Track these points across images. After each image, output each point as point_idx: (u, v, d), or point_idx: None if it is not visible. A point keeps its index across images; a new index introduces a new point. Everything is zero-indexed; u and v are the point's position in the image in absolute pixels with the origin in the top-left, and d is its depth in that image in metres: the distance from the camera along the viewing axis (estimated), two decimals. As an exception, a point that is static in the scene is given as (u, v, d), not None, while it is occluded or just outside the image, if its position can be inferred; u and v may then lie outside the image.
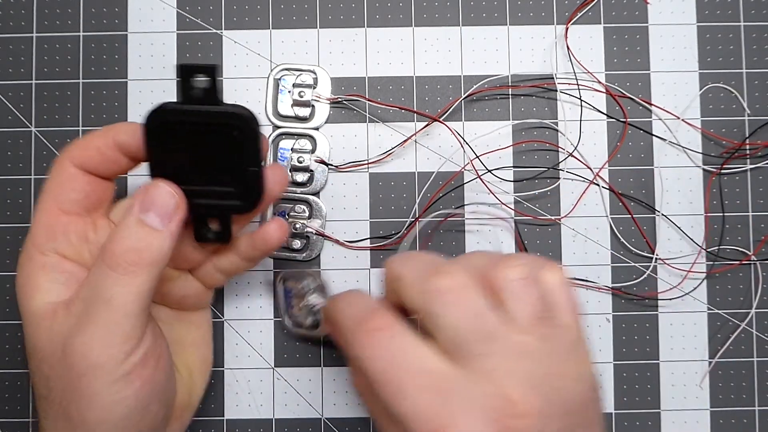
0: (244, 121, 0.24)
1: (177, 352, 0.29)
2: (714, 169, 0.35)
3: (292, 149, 0.35)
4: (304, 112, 0.35)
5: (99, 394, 0.22)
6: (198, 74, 0.24)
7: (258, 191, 0.26)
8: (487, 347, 0.21)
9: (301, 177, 0.35)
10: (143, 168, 0.35)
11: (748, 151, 0.35)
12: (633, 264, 0.35)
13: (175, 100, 0.25)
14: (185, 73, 0.24)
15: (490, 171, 0.34)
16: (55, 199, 0.25)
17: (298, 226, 0.34)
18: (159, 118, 0.24)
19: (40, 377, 0.24)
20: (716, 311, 0.35)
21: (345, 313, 0.24)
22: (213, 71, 0.24)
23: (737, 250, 0.35)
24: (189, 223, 0.26)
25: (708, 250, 0.35)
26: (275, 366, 0.34)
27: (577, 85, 0.35)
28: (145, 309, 0.23)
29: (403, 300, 0.24)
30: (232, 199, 0.25)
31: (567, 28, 0.35)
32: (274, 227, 0.28)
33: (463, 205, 0.35)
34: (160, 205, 0.24)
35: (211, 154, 0.25)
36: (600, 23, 0.36)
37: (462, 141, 0.35)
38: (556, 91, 0.35)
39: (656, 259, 0.35)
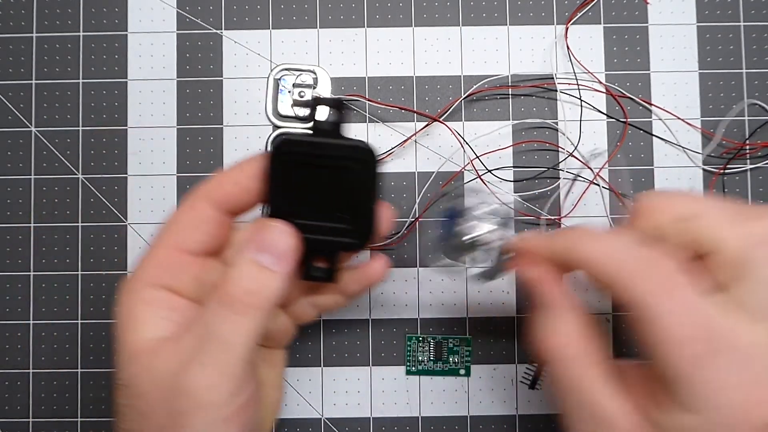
0: (368, 156, 0.24)
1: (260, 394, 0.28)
2: (715, 170, 0.35)
3: (292, 149, 0.35)
4: (304, 112, 0.35)
5: None
6: (327, 107, 0.24)
7: (371, 229, 0.25)
8: None
9: (301, 177, 0.35)
10: (142, 169, 0.35)
11: (748, 151, 0.35)
12: (633, 264, 0.35)
13: (284, 129, 0.24)
14: (316, 104, 0.24)
15: (490, 171, 0.34)
16: (179, 239, 0.24)
17: None
18: (287, 148, 0.24)
19: (133, 412, 0.23)
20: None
21: (615, 254, 0.22)
22: (342, 106, 0.24)
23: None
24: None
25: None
26: (275, 366, 0.34)
27: (577, 85, 0.35)
28: (253, 351, 0.23)
29: (700, 240, 0.21)
30: (344, 236, 0.24)
31: (567, 28, 0.35)
32: (379, 264, 0.27)
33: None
34: (275, 245, 0.23)
35: (328, 188, 0.24)
36: (600, 23, 0.36)
37: (462, 141, 0.35)
38: (556, 91, 0.35)
39: (656, 259, 0.34)
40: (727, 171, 0.35)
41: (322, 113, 0.24)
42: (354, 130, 0.35)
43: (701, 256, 0.22)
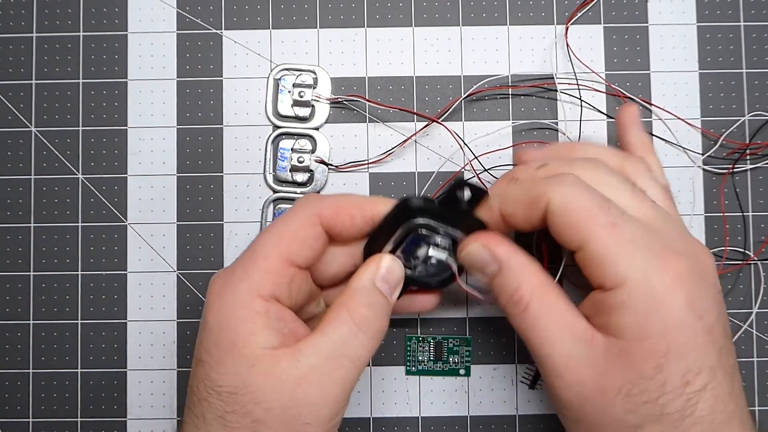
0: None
1: None
2: (716, 170, 0.35)
3: (292, 149, 0.35)
4: (304, 112, 0.35)
5: None
6: (466, 189, 0.26)
7: (451, 280, 0.28)
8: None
9: (301, 177, 0.35)
10: (142, 169, 0.35)
11: (748, 151, 0.35)
12: (633, 264, 0.35)
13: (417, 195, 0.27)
14: (458, 186, 0.26)
15: (487, 170, 0.34)
16: (288, 250, 0.25)
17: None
18: (421, 221, 0.26)
19: (244, 418, 0.23)
20: (716, 311, 0.35)
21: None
22: (484, 195, 0.26)
23: (738, 250, 0.35)
24: None
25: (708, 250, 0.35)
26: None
27: (577, 85, 0.35)
28: None
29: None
30: (431, 279, 0.28)
31: (567, 28, 0.35)
32: (433, 301, 0.30)
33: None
34: (393, 277, 0.26)
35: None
36: (600, 23, 0.36)
37: (461, 143, 0.35)
38: (556, 91, 0.35)
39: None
40: (727, 171, 0.35)
41: (463, 194, 0.26)
42: (354, 131, 0.35)
43: None
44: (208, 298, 0.25)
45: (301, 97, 0.35)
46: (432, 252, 0.27)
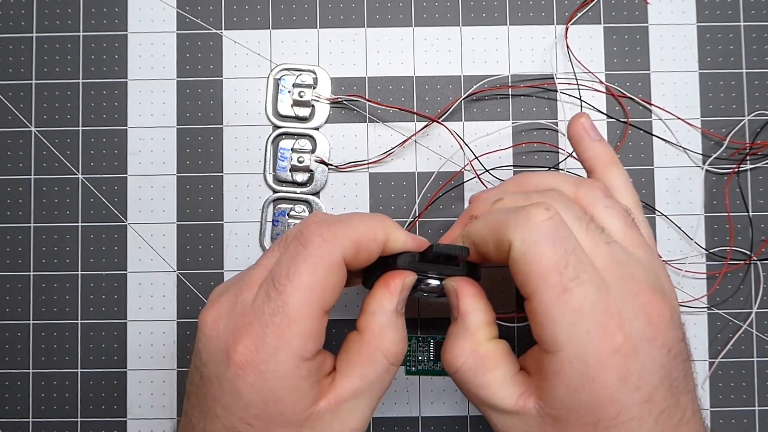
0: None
1: None
2: (716, 170, 0.35)
3: (292, 149, 0.35)
4: (304, 112, 0.35)
5: None
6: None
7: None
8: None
9: (301, 177, 0.35)
10: (142, 169, 0.35)
11: (748, 152, 0.35)
12: (633, 264, 0.35)
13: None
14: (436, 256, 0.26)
15: (488, 171, 0.34)
16: (324, 302, 0.23)
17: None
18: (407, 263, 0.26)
19: None
20: (717, 312, 0.35)
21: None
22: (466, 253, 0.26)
23: (738, 250, 0.35)
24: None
25: (709, 250, 0.35)
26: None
27: (577, 85, 0.35)
28: None
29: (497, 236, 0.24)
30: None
31: (567, 28, 0.35)
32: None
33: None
34: (407, 292, 0.26)
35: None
36: (600, 23, 0.36)
37: (462, 142, 0.35)
38: (556, 91, 0.35)
39: (656, 259, 0.34)
40: (728, 171, 0.35)
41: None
42: (354, 131, 0.35)
43: None
44: (234, 368, 0.22)
45: (301, 97, 0.35)
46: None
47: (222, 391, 0.23)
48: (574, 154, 0.35)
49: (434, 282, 0.26)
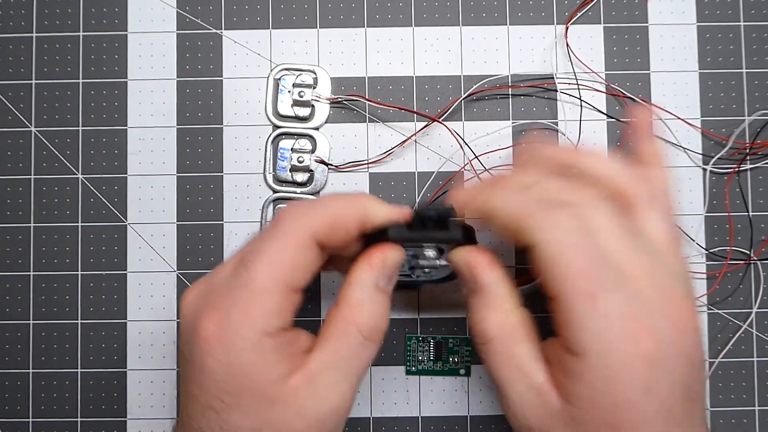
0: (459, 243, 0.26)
1: None
2: (717, 169, 0.35)
3: (292, 149, 0.35)
4: (304, 112, 0.35)
5: None
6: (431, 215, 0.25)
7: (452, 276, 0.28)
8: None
9: (301, 177, 0.35)
10: (142, 169, 0.35)
11: (748, 151, 0.35)
12: (633, 264, 0.35)
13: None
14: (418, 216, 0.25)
15: (488, 170, 0.34)
16: (291, 279, 0.23)
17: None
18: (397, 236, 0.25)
19: None
20: (717, 312, 0.35)
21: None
22: (452, 214, 0.25)
23: (738, 250, 0.35)
24: None
25: (709, 250, 0.35)
26: (275, 366, 0.34)
27: (577, 85, 0.35)
28: None
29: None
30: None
31: (567, 28, 0.35)
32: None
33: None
34: (392, 268, 0.25)
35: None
36: (600, 23, 0.36)
37: (462, 142, 0.35)
38: (556, 91, 0.35)
39: (656, 259, 0.34)
40: (728, 171, 0.35)
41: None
42: (354, 131, 0.35)
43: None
44: (201, 344, 0.23)
45: (301, 97, 0.35)
46: (428, 261, 0.26)
47: (194, 368, 0.23)
48: (574, 154, 0.35)
49: (431, 252, 0.25)
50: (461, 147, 0.35)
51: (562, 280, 0.22)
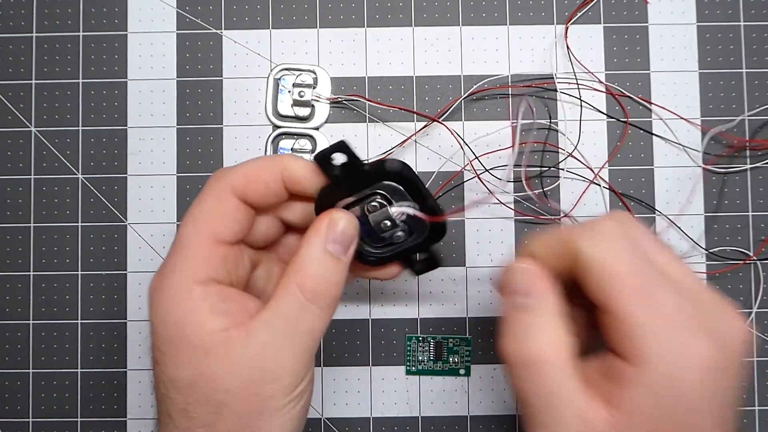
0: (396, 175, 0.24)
1: None
2: (717, 169, 0.35)
3: (292, 149, 0.35)
4: (304, 112, 0.35)
5: (279, 411, 0.24)
6: (333, 155, 0.24)
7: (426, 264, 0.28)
8: None
9: (301, 177, 0.35)
10: (142, 169, 0.35)
11: (748, 152, 0.35)
12: (633, 264, 0.35)
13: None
14: (322, 162, 0.24)
15: (488, 171, 0.34)
16: (213, 230, 0.24)
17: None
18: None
19: (206, 406, 0.23)
20: (716, 311, 0.35)
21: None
22: (344, 147, 0.24)
23: (737, 250, 0.35)
24: None
25: (709, 250, 0.35)
26: (275, 366, 0.34)
27: (577, 85, 0.35)
28: None
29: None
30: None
31: (567, 28, 0.35)
32: (396, 269, 0.28)
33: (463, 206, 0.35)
34: (345, 235, 0.24)
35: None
36: (600, 23, 0.36)
37: (462, 142, 0.35)
38: (556, 91, 0.35)
39: (656, 259, 0.34)
40: (728, 171, 0.35)
41: (339, 159, 0.24)
42: (354, 131, 0.35)
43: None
44: (148, 298, 0.24)
45: (301, 97, 0.35)
46: (394, 214, 0.25)
47: (149, 329, 0.25)
48: (574, 154, 0.35)
49: (376, 204, 0.24)
50: (461, 147, 0.35)
51: (613, 281, 0.21)
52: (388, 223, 0.25)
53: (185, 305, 0.23)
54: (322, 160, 0.24)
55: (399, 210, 0.25)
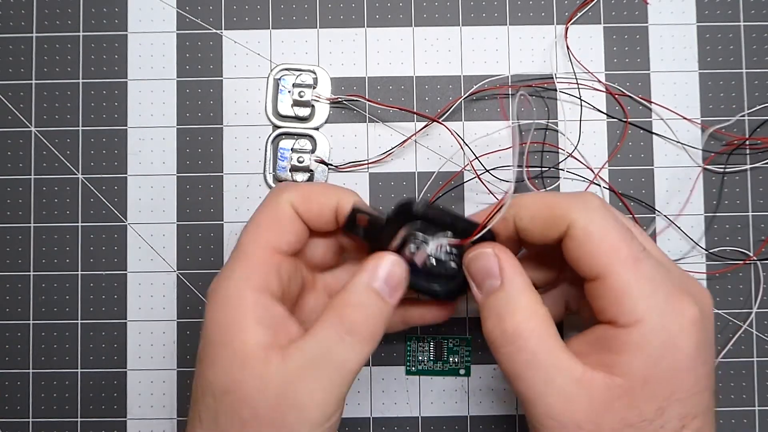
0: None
1: None
2: (717, 169, 0.35)
3: (292, 149, 0.35)
4: (304, 112, 0.35)
5: None
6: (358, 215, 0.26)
7: (457, 290, 0.27)
8: None
9: (301, 177, 0.35)
10: (142, 169, 0.35)
11: (748, 152, 0.35)
12: (633, 264, 0.35)
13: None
14: (349, 228, 0.26)
15: (488, 171, 0.34)
16: (272, 239, 0.25)
17: None
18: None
19: (232, 418, 0.23)
20: (717, 312, 0.35)
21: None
22: (357, 211, 0.25)
23: (737, 250, 0.35)
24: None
25: (708, 250, 0.35)
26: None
27: (577, 85, 0.35)
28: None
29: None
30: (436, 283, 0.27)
31: (567, 28, 0.35)
32: (446, 311, 0.30)
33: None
34: (391, 276, 0.25)
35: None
36: (600, 23, 0.36)
37: (462, 142, 0.35)
38: (556, 91, 0.35)
39: (656, 259, 0.34)
40: (727, 170, 0.35)
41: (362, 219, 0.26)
42: (354, 131, 0.35)
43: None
44: (206, 299, 0.25)
45: (301, 97, 0.35)
46: (434, 251, 0.26)
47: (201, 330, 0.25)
48: (574, 154, 0.35)
49: (441, 241, 0.25)
50: (461, 147, 0.35)
51: (605, 251, 0.23)
52: (434, 261, 0.26)
53: (234, 309, 0.24)
54: (346, 229, 0.25)
55: (435, 246, 0.26)
